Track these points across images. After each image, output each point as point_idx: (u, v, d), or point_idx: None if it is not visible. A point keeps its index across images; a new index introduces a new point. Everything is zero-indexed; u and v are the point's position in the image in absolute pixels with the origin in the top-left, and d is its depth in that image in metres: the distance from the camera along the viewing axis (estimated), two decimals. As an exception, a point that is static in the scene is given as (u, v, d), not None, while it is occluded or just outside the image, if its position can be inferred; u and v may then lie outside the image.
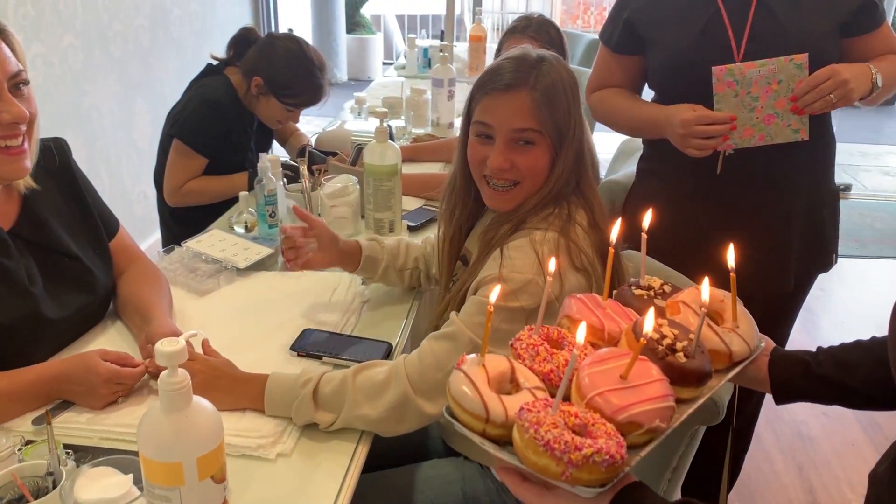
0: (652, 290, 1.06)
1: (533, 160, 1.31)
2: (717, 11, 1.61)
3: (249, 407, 1.25)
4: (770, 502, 2.39)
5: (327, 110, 2.85)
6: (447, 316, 1.31)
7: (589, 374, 0.83)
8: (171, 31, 4.00)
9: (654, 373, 0.84)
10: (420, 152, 2.60)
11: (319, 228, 1.58)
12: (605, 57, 1.85)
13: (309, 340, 1.47)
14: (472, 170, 1.38)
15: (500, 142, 1.31)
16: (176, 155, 2.33)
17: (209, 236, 1.88)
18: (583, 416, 0.78)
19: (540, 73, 1.30)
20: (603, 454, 0.72)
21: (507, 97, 1.30)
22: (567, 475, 0.73)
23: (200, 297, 1.66)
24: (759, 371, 1.03)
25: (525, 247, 1.26)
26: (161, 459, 0.88)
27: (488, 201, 1.38)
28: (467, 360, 0.86)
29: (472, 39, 3.76)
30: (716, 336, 0.96)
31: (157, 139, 2.48)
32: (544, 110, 1.29)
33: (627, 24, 1.73)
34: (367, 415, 1.21)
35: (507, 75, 1.30)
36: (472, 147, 1.36)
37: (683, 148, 1.60)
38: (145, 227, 3.66)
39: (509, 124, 1.30)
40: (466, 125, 1.39)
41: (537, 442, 0.73)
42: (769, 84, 1.55)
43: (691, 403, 0.89)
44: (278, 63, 2.33)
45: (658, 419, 0.79)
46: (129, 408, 1.26)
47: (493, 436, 0.81)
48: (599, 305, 0.99)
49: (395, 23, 8.77)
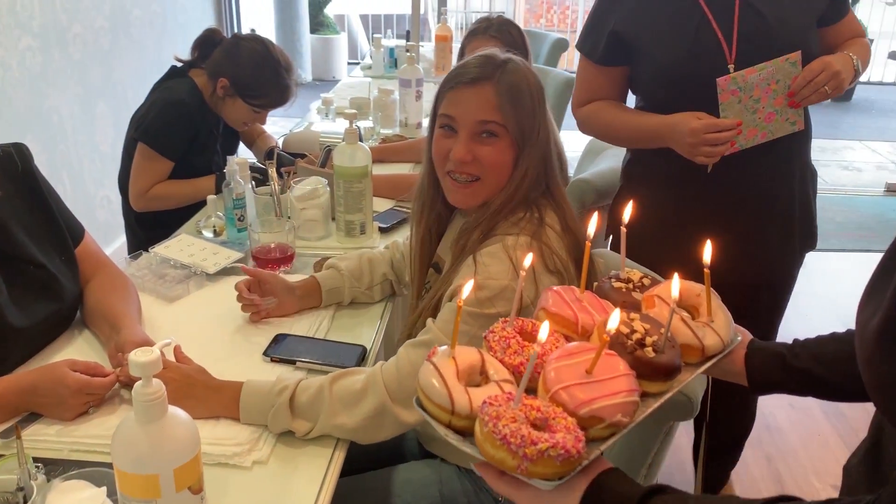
0: (631, 283, 1.07)
1: (495, 154, 1.31)
2: (703, 16, 1.62)
3: (224, 415, 1.24)
4: (739, 493, 2.42)
5: (293, 111, 2.82)
6: (422, 323, 1.31)
7: (555, 368, 0.84)
8: (132, 33, 3.93)
9: (621, 368, 0.85)
10: (389, 153, 2.59)
11: (272, 283, 1.56)
12: (589, 69, 1.82)
13: (282, 345, 1.46)
14: (437, 165, 1.38)
15: (464, 133, 1.32)
16: (141, 159, 2.29)
17: (177, 241, 1.85)
18: (545, 409, 0.78)
19: (505, 70, 1.31)
20: (558, 449, 0.73)
21: (471, 90, 1.31)
22: (522, 468, 0.74)
23: (169, 303, 1.64)
24: (734, 364, 1.04)
25: (499, 253, 1.26)
26: (137, 472, 0.86)
27: (450, 196, 1.38)
28: (438, 352, 0.87)
29: (438, 39, 3.76)
30: (689, 330, 0.97)
31: (121, 143, 2.43)
32: (507, 106, 1.30)
33: (613, 35, 1.72)
34: (345, 424, 1.20)
35: (473, 70, 1.32)
36: (437, 141, 1.37)
37: (692, 156, 1.61)
38: (109, 232, 3.60)
39: (472, 116, 1.31)
40: (433, 122, 1.39)
41: (495, 435, 0.74)
42: (769, 85, 1.60)
43: (660, 397, 0.89)
44: (244, 64, 2.30)
45: (620, 413, 0.80)
46: (100, 418, 1.24)
47: (458, 427, 0.82)
48: (576, 298, 1.00)
49: (359, 23, 8.73)
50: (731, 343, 1.01)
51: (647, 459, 1.30)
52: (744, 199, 1.72)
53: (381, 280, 1.67)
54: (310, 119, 3.15)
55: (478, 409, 0.80)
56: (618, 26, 1.70)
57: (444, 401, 0.81)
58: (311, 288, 1.61)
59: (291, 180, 2.05)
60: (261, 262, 1.75)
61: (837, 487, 0.62)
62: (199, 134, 2.35)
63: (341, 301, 1.64)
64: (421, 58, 3.75)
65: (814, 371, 0.99)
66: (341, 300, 1.64)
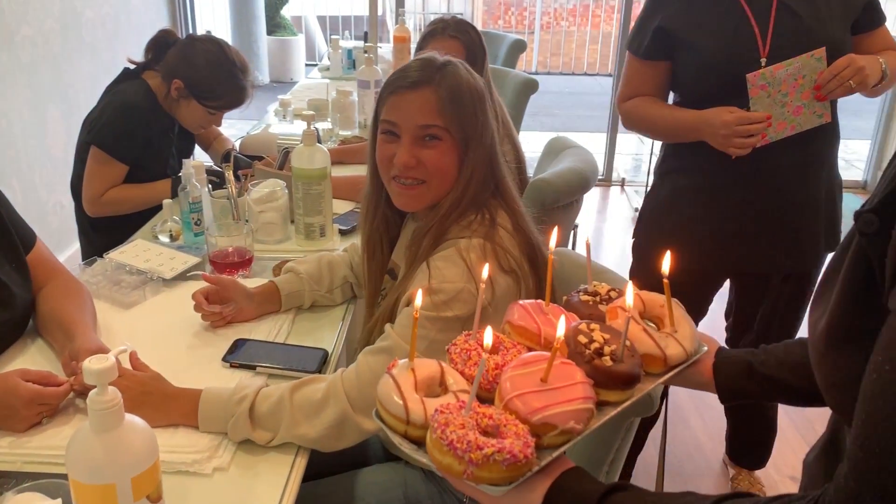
0: (598, 296, 1.08)
1: (438, 157, 1.31)
2: (743, 14, 1.74)
3: (182, 423, 1.22)
4: (701, 488, 2.46)
5: (250, 113, 2.79)
6: (379, 330, 1.31)
7: (510, 378, 0.84)
8: (83, 35, 3.85)
9: (578, 376, 0.86)
10: (348, 154, 2.58)
11: (231, 289, 1.55)
12: (634, 65, 1.94)
13: (241, 351, 1.44)
14: (381, 170, 1.37)
15: (406, 138, 1.31)
16: (94, 163, 2.25)
17: (133, 246, 1.82)
18: (497, 417, 0.79)
19: (445, 73, 1.31)
20: (504, 453, 0.74)
21: (412, 95, 1.30)
22: (468, 473, 0.74)
23: (126, 309, 1.61)
24: (702, 374, 1.04)
25: (452, 256, 1.26)
26: (93, 482, 0.84)
27: (396, 199, 1.38)
28: (399, 365, 0.88)
29: (396, 40, 3.74)
30: (650, 340, 0.98)
31: (73, 147, 2.38)
32: (449, 108, 1.29)
33: (658, 31, 1.83)
34: (307, 434, 1.19)
35: (412, 74, 1.31)
36: (380, 146, 1.36)
37: (724, 148, 1.74)
38: (62, 238, 3.52)
39: (414, 120, 1.30)
40: (375, 128, 1.38)
41: (442, 441, 0.75)
42: (795, 80, 1.71)
43: (618, 406, 0.90)
44: (199, 65, 2.27)
45: (573, 421, 0.81)
46: (53, 429, 1.21)
47: (414, 437, 0.83)
48: (542, 311, 1.00)
49: (316, 24, 8.68)
50: (695, 353, 1.02)
51: (608, 456, 1.32)
52: (774, 191, 1.82)
53: (342, 283, 1.66)
54: (267, 121, 3.12)
55: None
56: (663, 22, 1.83)
57: (399, 411, 0.82)
58: (270, 293, 1.59)
59: (249, 183, 2.03)
60: (218, 267, 1.73)
61: (795, 479, 0.63)
62: (154, 137, 2.32)
63: (301, 305, 1.63)
64: (379, 59, 3.74)
65: (780, 377, 1.00)
66: (301, 304, 1.63)
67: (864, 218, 0.62)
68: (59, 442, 1.17)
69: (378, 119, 1.37)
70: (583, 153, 2.29)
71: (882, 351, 0.56)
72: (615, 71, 5.18)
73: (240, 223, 1.84)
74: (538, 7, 9.81)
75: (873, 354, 0.57)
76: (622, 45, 5.17)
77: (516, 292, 1.27)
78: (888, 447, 0.55)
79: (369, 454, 1.58)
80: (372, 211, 1.47)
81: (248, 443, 1.21)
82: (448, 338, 1.20)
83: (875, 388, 0.56)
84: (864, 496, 0.57)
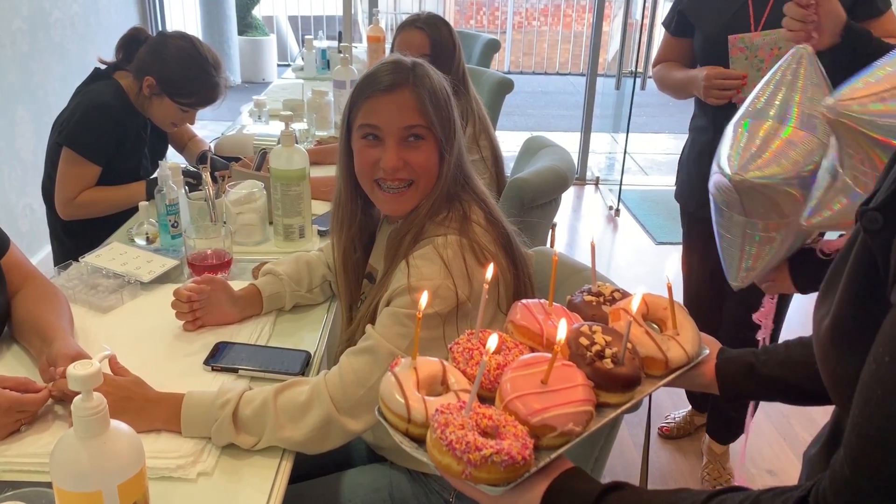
0: (602, 297, 1.08)
1: (424, 156, 1.31)
2: (744, 4, 1.98)
3: (165, 428, 1.20)
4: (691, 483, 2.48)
5: (223, 114, 2.77)
6: (360, 332, 1.30)
7: (510, 379, 0.85)
8: (52, 35, 3.79)
9: (579, 378, 0.86)
10: (325, 155, 2.56)
11: (221, 289, 1.53)
12: (666, 38, 2.30)
13: (223, 354, 1.42)
14: (362, 177, 1.35)
15: (391, 141, 1.30)
16: (66, 164, 2.21)
17: (109, 250, 1.79)
18: (497, 418, 0.80)
19: (416, 74, 1.31)
20: (502, 455, 0.74)
21: (390, 97, 1.29)
22: (467, 474, 0.75)
23: (103, 314, 1.58)
24: (705, 376, 1.05)
25: (430, 254, 1.26)
26: (78, 490, 0.83)
27: (384, 206, 1.37)
28: (401, 363, 0.89)
29: (370, 40, 3.73)
30: (652, 343, 0.98)
31: (43, 149, 2.34)
32: (429, 107, 1.29)
33: (681, 14, 2.17)
34: (291, 437, 1.18)
35: (386, 77, 1.30)
36: (362, 152, 1.33)
37: (706, 98, 2.04)
38: (33, 242, 3.46)
39: (398, 122, 1.29)
40: (347, 134, 1.36)
41: (441, 441, 0.76)
42: (772, 49, 1.90)
43: (618, 407, 0.91)
44: (171, 62, 2.23)
45: (572, 423, 0.81)
46: (33, 436, 1.18)
47: (415, 435, 0.83)
48: (544, 311, 1.00)
49: (287, 24, 8.63)
50: (697, 356, 1.03)
51: (594, 453, 1.32)
52: None
53: (321, 281, 1.65)
54: (241, 122, 3.09)
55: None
56: (682, 6, 2.17)
57: (401, 409, 0.83)
58: (252, 296, 1.58)
59: (226, 184, 2.01)
60: (197, 269, 1.71)
61: (772, 472, 0.65)
62: (126, 137, 2.28)
63: (283, 306, 1.62)
64: (353, 59, 3.73)
65: (781, 377, 1.01)
66: (283, 305, 1.61)
67: (868, 216, 0.62)
68: (38, 449, 1.15)
69: (351, 125, 1.34)
70: (560, 152, 2.30)
71: (883, 343, 0.57)
72: (588, 70, 5.21)
73: (217, 225, 1.82)
74: (510, 7, 9.83)
75: (874, 346, 0.58)
76: (594, 44, 5.21)
77: (495, 284, 1.28)
78: (884, 435, 0.56)
79: (353, 455, 1.57)
80: (348, 220, 1.44)
81: (232, 447, 1.19)
82: (430, 334, 1.21)
83: (874, 378, 0.57)
84: (859, 482, 0.58)
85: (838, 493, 0.60)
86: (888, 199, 0.61)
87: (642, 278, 2.88)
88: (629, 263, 4.09)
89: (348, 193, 1.41)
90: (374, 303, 1.33)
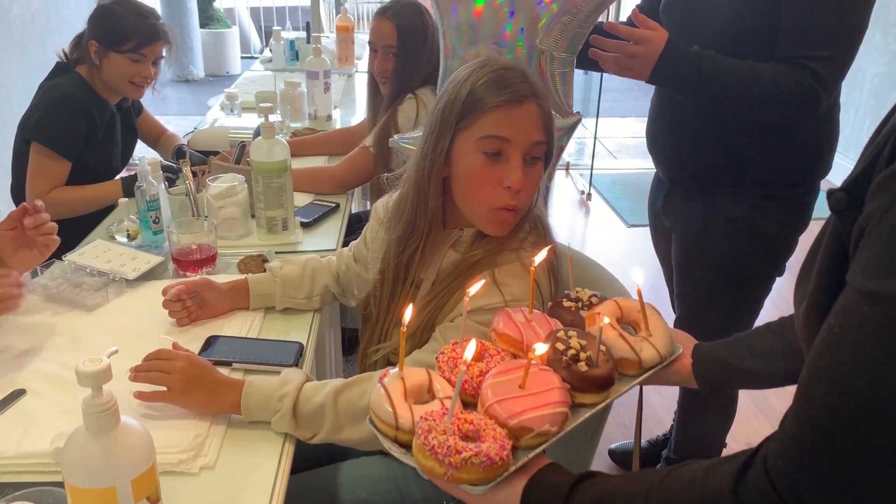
0: (580, 302, 1.15)
1: (536, 177, 1.24)
2: None
3: (227, 412, 1.22)
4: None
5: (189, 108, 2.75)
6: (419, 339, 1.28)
7: (491, 385, 0.91)
8: (12, 32, 3.71)
9: (555, 382, 0.93)
10: (301, 147, 2.55)
11: (207, 289, 1.52)
12: None
13: (216, 347, 1.42)
14: (478, 193, 1.22)
15: (518, 157, 1.19)
16: (36, 160, 2.18)
17: (92, 248, 1.77)
18: (477, 422, 0.86)
19: (537, 85, 1.23)
20: (481, 456, 0.81)
21: (521, 109, 1.19)
22: (449, 475, 0.81)
23: (89, 312, 1.57)
24: (681, 372, 1.12)
25: (519, 271, 1.22)
26: (92, 486, 0.83)
27: (495, 228, 1.25)
28: (390, 374, 0.95)
29: (339, 30, 3.72)
30: (626, 344, 1.05)
31: (8, 150, 2.30)
32: (549, 122, 1.23)
33: None
34: (349, 438, 1.20)
35: (520, 86, 1.19)
36: (483, 166, 1.20)
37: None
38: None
39: (527, 137, 1.19)
40: (449, 140, 1.23)
41: (425, 446, 0.82)
42: None
43: (594, 407, 0.98)
44: (104, 17, 2.25)
45: (548, 423, 0.88)
46: (34, 437, 1.17)
47: (404, 441, 0.90)
48: (525, 319, 1.06)
49: (248, 16, 8.53)
50: (670, 355, 1.10)
51: (579, 453, 1.39)
52: None
53: (322, 291, 1.60)
54: (211, 116, 3.06)
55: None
56: None
57: (390, 418, 0.89)
58: (242, 289, 1.57)
59: (206, 178, 1.99)
60: (182, 265, 1.70)
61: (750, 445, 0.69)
62: (95, 128, 2.26)
63: (271, 305, 1.59)
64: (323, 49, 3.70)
65: (753, 369, 1.08)
66: (272, 304, 1.59)
67: (835, 196, 0.65)
68: (39, 450, 1.14)
69: (454, 134, 1.22)
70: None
71: (835, 314, 0.61)
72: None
73: (200, 219, 1.81)
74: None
75: (827, 317, 0.62)
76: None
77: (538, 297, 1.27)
78: (826, 394, 0.60)
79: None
80: (417, 238, 1.32)
81: (232, 438, 1.20)
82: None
83: (822, 346, 0.62)
84: (802, 437, 0.63)
85: (785, 449, 0.64)
86: (854, 179, 0.64)
87: (615, 261, 2.91)
88: (603, 248, 4.14)
89: (437, 203, 1.28)
90: (432, 311, 1.27)
